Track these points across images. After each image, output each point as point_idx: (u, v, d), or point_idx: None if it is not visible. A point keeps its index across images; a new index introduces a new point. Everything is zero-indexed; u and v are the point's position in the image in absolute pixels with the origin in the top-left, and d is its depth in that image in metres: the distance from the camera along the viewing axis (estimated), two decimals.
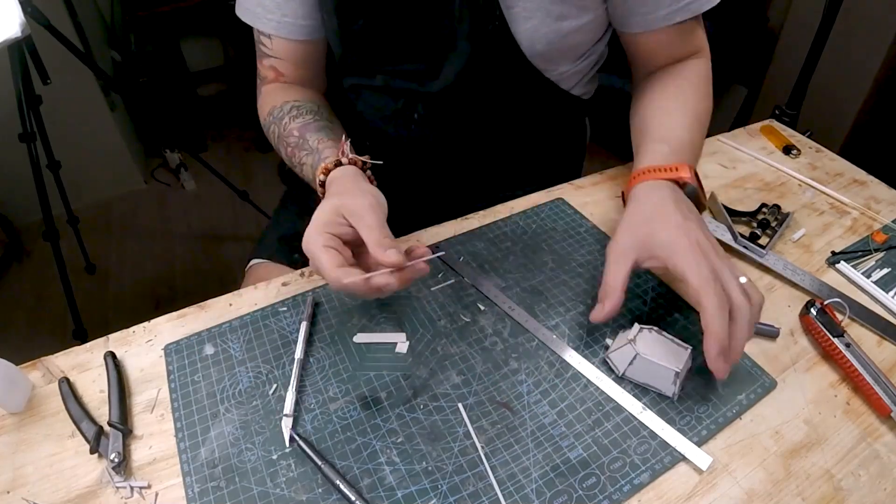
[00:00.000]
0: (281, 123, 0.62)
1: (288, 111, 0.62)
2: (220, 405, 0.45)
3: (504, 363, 0.48)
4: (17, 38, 1.03)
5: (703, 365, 0.43)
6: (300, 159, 0.58)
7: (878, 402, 0.45)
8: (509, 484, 0.40)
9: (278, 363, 0.48)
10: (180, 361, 0.48)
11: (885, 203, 0.67)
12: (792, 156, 0.75)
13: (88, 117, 1.78)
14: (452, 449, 0.42)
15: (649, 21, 0.60)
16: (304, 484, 0.40)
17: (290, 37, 0.63)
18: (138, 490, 0.40)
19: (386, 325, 0.52)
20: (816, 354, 0.50)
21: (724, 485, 0.41)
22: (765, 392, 0.46)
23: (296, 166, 0.60)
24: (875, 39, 1.58)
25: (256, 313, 0.52)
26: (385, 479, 0.41)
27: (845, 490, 0.41)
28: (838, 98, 1.70)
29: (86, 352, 0.49)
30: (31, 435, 0.44)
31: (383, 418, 0.44)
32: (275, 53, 0.66)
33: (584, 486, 0.40)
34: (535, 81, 0.63)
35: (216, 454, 0.42)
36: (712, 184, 0.69)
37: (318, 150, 0.56)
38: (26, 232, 1.82)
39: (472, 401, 0.46)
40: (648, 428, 0.44)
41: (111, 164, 1.94)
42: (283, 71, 0.67)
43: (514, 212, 0.64)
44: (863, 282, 0.56)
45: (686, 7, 0.58)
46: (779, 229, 0.61)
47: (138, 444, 0.43)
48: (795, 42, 1.74)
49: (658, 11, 0.59)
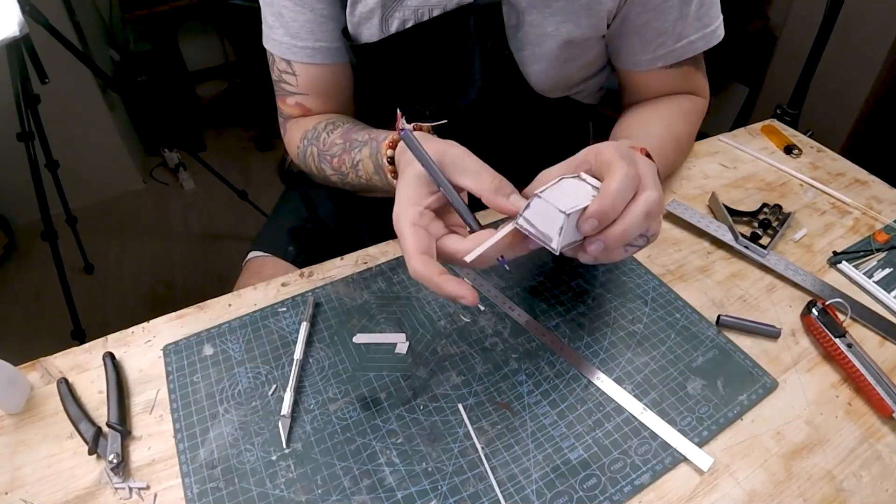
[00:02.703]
0: (319, 141, 0.60)
1: (323, 128, 0.60)
2: (220, 406, 0.45)
3: (504, 364, 0.48)
4: (15, 37, 1.02)
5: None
6: (353, 158, 0.55)
7: (880, 403, 0.45)
8: (509, 485, 0.40)
9: (278, 364, 0.48)
10: (179, 362, 0.48)
11: (886, 203, 0.67)
12: (793, 155, 0.75)
13: (87, 117, 1.78)
14: (452, 450, 0.42)
15: (634, 63, 0.61)
16: (304, 485, 0.40)
17: (324, 62, 0.61)
18: (137, 491, 0.40)
19: (386, 325, 0.51)
20: (818, 355, 0.50)
21: (726, 486, 0.41)
22: (766, 392, 0.46)
23: (348, 173, 0.57)
24: (877, 39, 1.58)
25: (256, 314, 0.52)
26: (385, 479, 0.40)
27: (847, 491, 0.41)
28: (840, 98, 1.70)
29: (84, 352, 0.49)
30: (30, 436, 0.43)
31: (383, 419, 0.44)
32: (301, 90, 0.63)
33: (585, 486, 0.40)
34: (543, 102, 0.64)
35: (215, 455, 0.42)
36: (713, 183, 0.69)
37: (371, 140, 0.53)
38: (24, 232, 1.82)
39: (472, 401, 0.45)
40: (649, 428, 0.44)
41: (110, 163, 1.93)
42: (310, 106, 0.64)
43: None
44: (864, 282, 0.56)
45: (671, 53, 0.59)
46: (780, 229, 0.61)
47: (137, 445, 0.43)
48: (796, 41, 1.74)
49: (642, 56, 0.60)
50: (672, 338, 0.50)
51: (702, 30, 0.58)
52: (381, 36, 0.58)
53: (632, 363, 0.48)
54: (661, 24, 0.57)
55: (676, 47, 0.58)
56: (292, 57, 0.61)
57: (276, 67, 0.63)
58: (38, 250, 1.67)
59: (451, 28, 0.57)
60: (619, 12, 0.57)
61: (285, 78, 0.63)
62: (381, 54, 0.60)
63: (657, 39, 0.58)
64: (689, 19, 0.57)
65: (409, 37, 0.58)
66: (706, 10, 0.57)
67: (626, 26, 0.58)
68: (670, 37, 0.58)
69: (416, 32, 0.57)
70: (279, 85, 0.64)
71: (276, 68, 0.63)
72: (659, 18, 0.56)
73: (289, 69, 0.62)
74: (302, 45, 0.60)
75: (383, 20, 0.57)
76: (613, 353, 0.49)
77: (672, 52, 0.59)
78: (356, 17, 0.58)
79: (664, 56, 0.59)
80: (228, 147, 2.25)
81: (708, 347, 0.50)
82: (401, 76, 0.63)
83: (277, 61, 0.62)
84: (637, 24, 0.57)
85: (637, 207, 0.38)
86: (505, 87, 0.61)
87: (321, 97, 0.64)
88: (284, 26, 0.59)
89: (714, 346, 0.50)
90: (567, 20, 0.56)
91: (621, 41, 0.59)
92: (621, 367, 0.48)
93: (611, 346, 0.50)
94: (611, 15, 0.57)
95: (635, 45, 0.59)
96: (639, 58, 0.60)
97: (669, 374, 0.47)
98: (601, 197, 0.37)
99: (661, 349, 0.49)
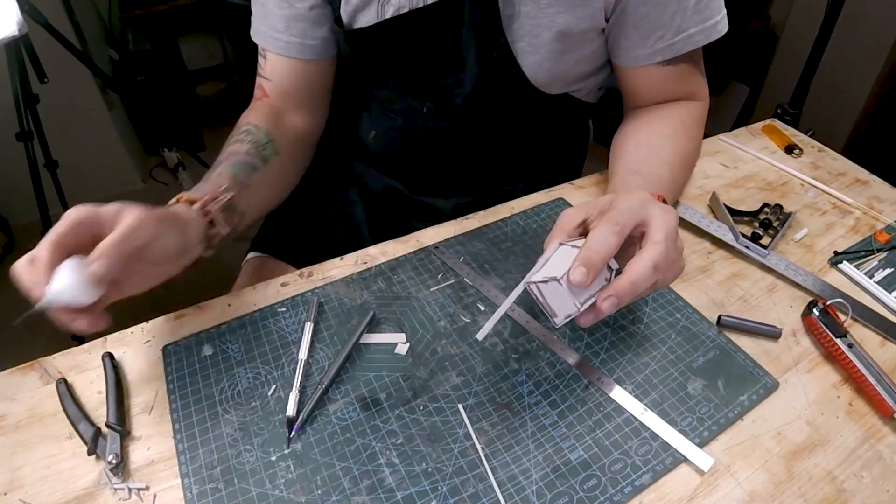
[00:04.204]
0: (230, 139, 0.62)
1: (238, 133, 0.62)
2: (219, 406, 0.45)
3: (504, 364, 0.48)
4: (14, 37, 1.02)
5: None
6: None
7: (881, 403, 0.45)
8: (510, 485, 0.40)
9: (277, 364, 0.48)
10: (179, 362, 0.48)
11: (887, 203, 0.67)
12: (794, 155, 0.74)
13: (86, 116, 1.78)
14: (452, 450, 0.42)
15: (633, 58, 0.61)
16: (304, 485, 0.40)
17: (296, 56, 0.64)
18: (136, 492, 0.40)
19: (386, 325, 0.51)
20: (819, 355, 0.50)
21: (726, 486, 0.41)
22: (767, 393, 0.46)
23: None
24: (878, 38, 1.58)
25: (255, 314, 0.52)
26: (385, 480, 0.40)
27: (848, 492, 0.41)
28: (841, 97, 1.70)
29: (84, 352, 0.49)
30: (29, 436, 0.43)
31: (383, 419, 0.44)
32: (266, 74, 0.66)
33: (585, 487, 0.40)
34: (542, 96, 0.64)
35: (215, 455, 0.42)
36: (714, 183, 0.69)
37: (206, 179, 0.56)
38: (23, 231, 1.81)
39: (472, 402, 0.45)
40: (650, 429, 0.43)
41: (109, 163, 1.93)
42: (270, 93, 0.67)
43: (514, 212, 0.64)
44: (865, 282, 0.56)
45: (669, 47, 0.59)
46: (781, 229, 0.61)
47: (136, 446, 0.43)
48: (797, 40, 1.74)
49: (641, 50, 0.60)
50: (672, 338, 0.50)
51: (702, 23, 0.57)
52: (376, 21, 0.58)
53: (632, 363, 0.48)
54: (659, 16, 0.56)
55: (675, 41, 0.58)
56: (267, 46, 0.65)
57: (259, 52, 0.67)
58: None
59: (445, 16, 0.57)
60: (619, 4, 0.56)
61: (259, 60, 0.67)
62: (375, 40, 0.60)
63: (656, 33, 0.58)
64: (689, 12, 0.56)
65: (403, 23, 0.58)
66: (707, 3, 0.57)
67: (625, 18, 0.57)
68: (669, 30, 0.57)
69: (411, 19, 0.58)
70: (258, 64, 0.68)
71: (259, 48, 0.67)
72: (657, 10, 0.56)
73: (262, 52, 0.66)
74: (277, 36, 0.63)
75: (379, 7, 0.58)
76: (614, 354, 0.49)
77: (671, 45, 0.58)
78: (351, 5, 0.59)
79: (663, 50, 0.59)
80: None
81: (708, 348, 0.49)
82: (396, 65, 0.64)
83: (259, 48, 0.66)
84: (636, 17, 0.57)
85: (643, 260, 0.39)
86: (502, 80, 0.61)
87: (282, 88, 0.66)
88: (265, 17, 0.63)
89: (715, 347, 0.50)
90: (563, 10, 0.56)
91: (620, 34, 0.59)
92: (622, 367, 0.48)
93: (611, 346, 0.50)
94: (609, 7, 0.57)
95: (634, 38, 0.59)
96: (638, 52, 0.60)
97: (670, 374, 0.47)
98: (584, 246, 0.40)
99: (661, 349, 0.49)
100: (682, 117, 0.62)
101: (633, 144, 0.61)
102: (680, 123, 0.62)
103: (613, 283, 0.40)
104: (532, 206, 0.65)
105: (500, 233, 0.61)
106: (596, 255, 0.39)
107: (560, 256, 0.42)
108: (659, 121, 0.62)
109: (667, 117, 0.62)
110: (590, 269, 0.38)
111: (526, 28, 0.57)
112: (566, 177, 0.70)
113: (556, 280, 0.40)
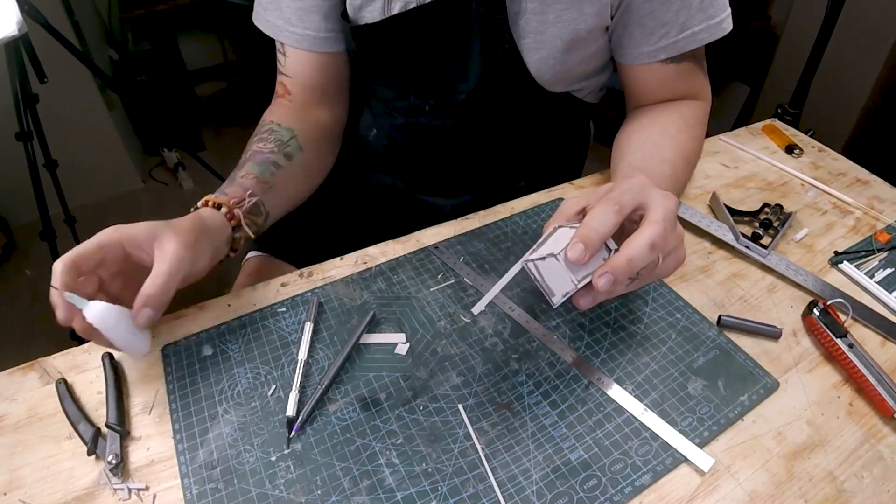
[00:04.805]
0: (253, 139, 0.62)
1: (261, 132, 0.62)
2: (219, 406, 0.45)
3: (504, 364, 0.48)
4: (13, 37, 1.02)
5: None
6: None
7: (882, 404, 0.45)
8: (510, 486, 0.40)
9: (277, 364, 0.48)
10: (178, 362, 0.48)
11: (888, 203, 0.67)
12: (794, 155, 0.74)
13: (86, 116, 1.78)
14: (452, 450, 0.42)
15: (636, 55, 0.61)
16: (304, 485, 0.40)
17: (311, 49, 0.63)
18: (136, 492, 0.40)
19: (385, 325, 0.51)
20: (819, 355, 0.50)
21: (727, 486, 0.41)
22: (767, 393, 0.46)
23: None
24: (878, 38, 1.58)
25: (255, 314, 0.52)
26: (385, 480, 0.40)
27: (848, 492, 0.40)
28: (841, 97, 1.70)
29: (83, 353, 0.49)
30: (28, 436, 0.43)
31: (383, 419, 0.44)
32: (287, 71, 0.66)
33: (585, 487, 0.40)
34: (545, 95, 0.64)
35: (215, 456, 0.42)
36: (714, 183, 0.69)
37: (231, 180, 0.55)
38: (23, 231, 1.81)
39: (472, 402, 0.45)
40: (650, 429, 0.43)
41: (109, 163, 1.93)
42: (292, 90, 0.66)
43: (514, 212, 0.64)
44: (866, 282, 0.56)
45: (674, 44, 0.58)
46: (781, 229, 0.61)
47: (136, 446, 0.43)
48: (798, 40, 1.74)
49: (645, 47, 0.60)
50: (673, 338, 0.50)
51: (706, 21, 0.57)
52: (383, 16, 0.58)
53: (632, 363, 0.48)
54: (664, 13, 0.56)
55: (679, 38, 0.58)
56: (284, 40, 0.64)
57: (277, 46, 0.66)
58: (36, 250, 1.67)
59: (452, 12, 0.57)
60: (624, 1, 0.56)
61: (279, 57, 0.66)
62: (381, 36, 0.60)
63: (660, 30, 0.58)
64: (693, 10, 0.56)
65: (410, 18, 0.58)
66: (711, 0, 0.57)
67: (630, 16, 0.57)
68: (673, 27, 0.57)
69: (418, 14, 0.57)
70: (277, 60, 0.67)
71: (277, 43, 0.66)
72: (662, 7, 0.56)
73: (281, 49, 0.65)
74: (292, 29, 0.62)
75: (386, 2, 0.58)
76: (614, 354, 0.49)
77: (675, 43, 0.58)
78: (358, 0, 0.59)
79: (667, 48, 0.59)
80: (227, 147, 2.25)
81: (709, 348, 0.49)
82: (401, 61, 0.63)
83: (277, 45, 0.66)
84: (640, 14, 0.57)
85: (640, 238, 0.39)
86: (506, 77, 0.61)
87: (303, 85, 0.66)
88: (279, 9, 0.62)
89: (715, 347, 0.50)
90: (570, 7, 0.56)
91: (624, 31, 0.59)
92: (622, 367, 0.48)
93: (611, 346, 0.50)
94: (614, 4, 0.57)
95: (638, 35, 0.59)
96: (641, 49, 0.60)
97: (670, 374, 0.47)
98: (583, 224, 0.39)
99: (661, 349, 0.49)
100: (684, 116, 0.62)
101: (636, 143, 0.61)
102: (682, 123, 0.62)
103: (610, 259, 0.39)
104: (532, 205, 0.65)
105: (500, 233, 0.61)
106: (593, 233, 0.38)
107: (558, 236, 0.41)
108: (661, 120, 0.62)
109: (669, 116, 0.62)
110: (587, 246, 0.38)
111: (532, 24, 0.57)
112: (567, 176, 0.70)
113: (554, 256, 0.39)
